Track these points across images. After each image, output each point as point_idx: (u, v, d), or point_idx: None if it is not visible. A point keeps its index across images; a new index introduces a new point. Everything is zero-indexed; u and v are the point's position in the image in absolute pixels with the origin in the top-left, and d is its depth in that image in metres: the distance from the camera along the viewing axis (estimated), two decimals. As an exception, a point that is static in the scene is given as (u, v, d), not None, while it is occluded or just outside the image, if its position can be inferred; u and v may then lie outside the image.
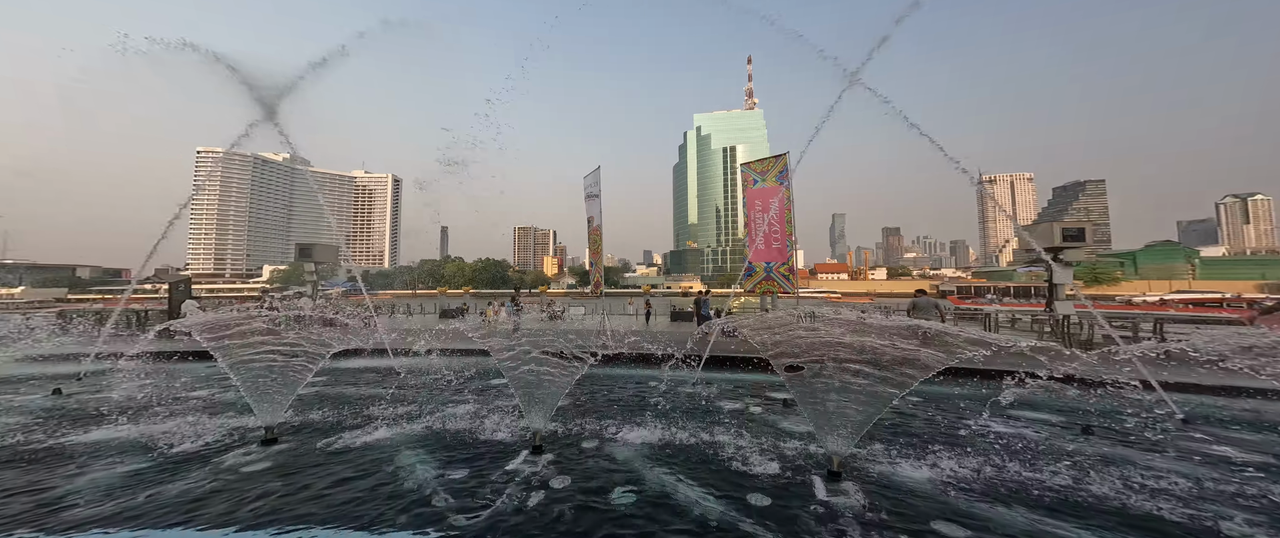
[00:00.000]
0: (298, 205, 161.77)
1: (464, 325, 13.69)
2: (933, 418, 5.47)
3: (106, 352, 7.69)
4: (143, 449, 4.30)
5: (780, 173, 11.02)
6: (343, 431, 4.86)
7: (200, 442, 4.48)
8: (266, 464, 3.95)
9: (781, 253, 11.08)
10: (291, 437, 4.65)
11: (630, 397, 6.65)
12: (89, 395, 6.32)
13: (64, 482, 3.60)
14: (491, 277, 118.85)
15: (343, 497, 3.41)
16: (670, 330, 14.13)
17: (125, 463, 3.97)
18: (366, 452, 4.33)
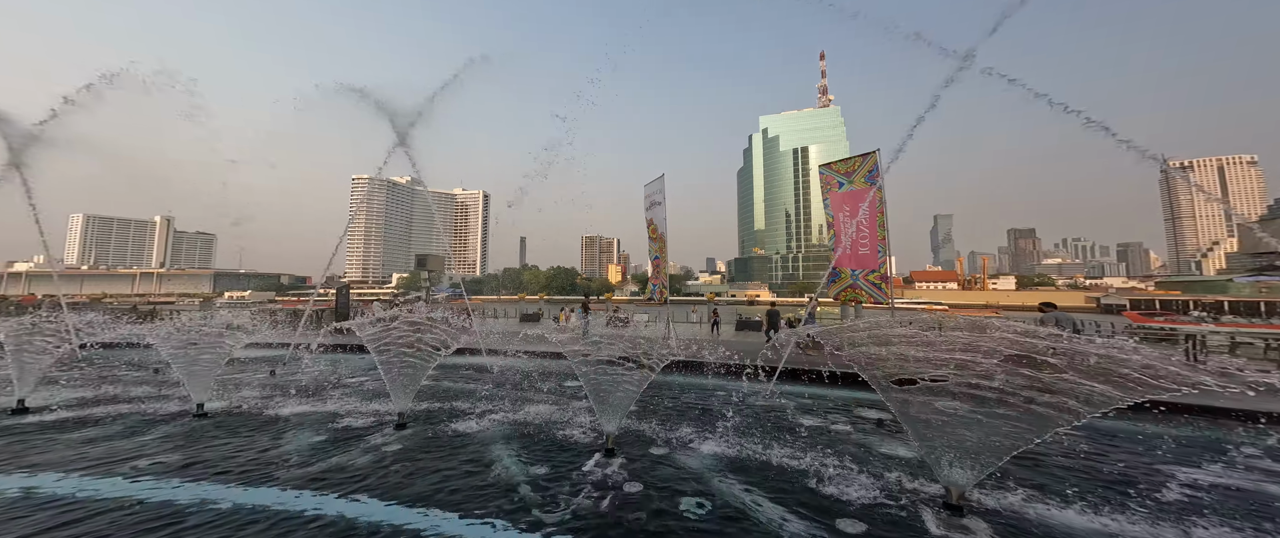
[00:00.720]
0: (415, 221, 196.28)
1: (541, 330, 14.93)
2: (1104, 456, 4.42)
3: (299, 342, 10.16)
4: (320, 424, 5.45)
5: (870, 173, 9.94)
6: (450, 420, 5.62)
7: (356, 421, 5.52)
8: (398, 445, 4.74)
9: (872, 259, 9.92)
10: (415, 423, 5.50)
11: (700, 406, 6.57)
12: (290, 376, 8.27)
13: (273, 445, 4.75)
14: (562, 284, 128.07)
15: (450, 480, 3.94)
16: (738, 340, 13.66)
17: (310, 435, 5.09)
18: (466, 441, 4.93)
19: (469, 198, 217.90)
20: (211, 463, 4.20)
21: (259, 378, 8.07)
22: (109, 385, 7.31)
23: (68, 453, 4.43)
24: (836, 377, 7.49)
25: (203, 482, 3.79)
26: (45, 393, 6.60)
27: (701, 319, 21.81)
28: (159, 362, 7.91)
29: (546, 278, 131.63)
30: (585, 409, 6.03)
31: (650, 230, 13.41)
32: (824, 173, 11.02)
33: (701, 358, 5.48)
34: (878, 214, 9.68)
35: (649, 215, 13.42)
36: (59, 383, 7.39)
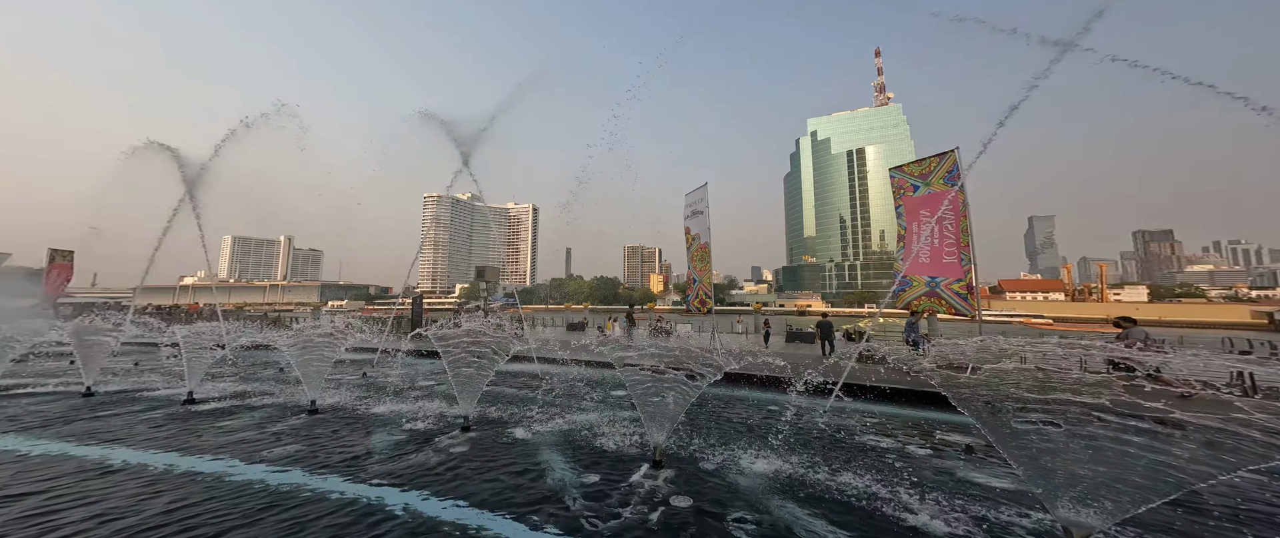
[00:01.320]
0: (474, 234, 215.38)
1: (587, 339, 15.46)
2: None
3: (384, 347, 11.51)
4: (401, 423, 6.07)
5: (949, 174, 9.03)
6: (507, 426, 5.97)
7: (429, 423, 6.07)
8: (464, 448, 5.14)
9: (954, 267, 8.92)
10: (478, 427, 5.94)
11: (752, 420, 6.35)
12: (378, 378, 9.39)
13: (364, 441, 5.38)
14: (605, 294, 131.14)
15: (508, 484, 4.19)
16: (790, 353, 13.00)
17: (393, 434, 5.69)
18: (521, 447, 5.21)
19: (520, 211, 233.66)
20: (319, 456, 4.88)
21: (353, 379, 9.24)
22: (249, 382, 8.83)
23: (218, 439, 5.43)
24: (910, 394, 6.83)
25: (312, 472, 4.41)
26: (206, 387, 8.16)
27: (748, 329, 20.98)
28: (284, 362, 9.44)
29: (590, 288, 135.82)
30: (632, 420, 6.08)
31: (688, 239, 13.40)
32: (896, 176, 10.22)
33: (753, 370, 5.27)
34: (961, 218, 8.72)
35: (688, 224, 13.42)
36: (215, 379, 9.09)
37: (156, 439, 5.37)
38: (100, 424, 5.98)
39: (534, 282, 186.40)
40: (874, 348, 6.31)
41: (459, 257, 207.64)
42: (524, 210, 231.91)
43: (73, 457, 4.82)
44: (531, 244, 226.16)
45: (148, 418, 6.28)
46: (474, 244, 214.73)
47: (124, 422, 6.11)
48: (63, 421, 6.16)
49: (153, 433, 5.62)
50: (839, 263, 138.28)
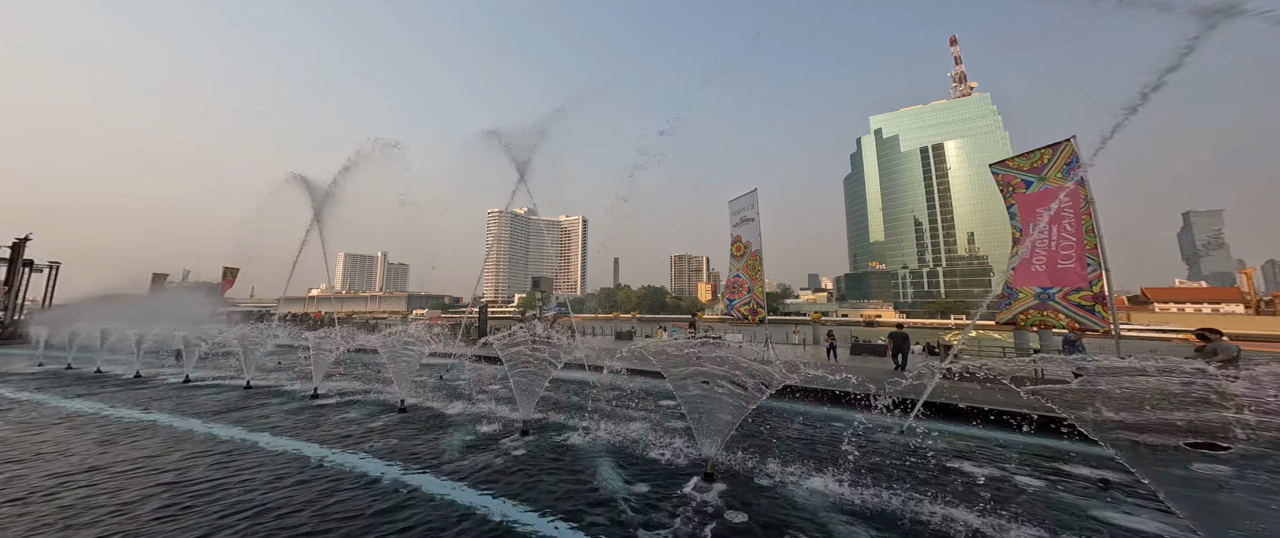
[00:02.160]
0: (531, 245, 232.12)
1: (638, 347, 15.56)
2: None
3: (456, 353, 12.69)
4: (470, 425, 6.65)
5: (1067, 166, 7.58)
6: (561, 432, 6.23)
7: (493, 425, 6.57)
8: (522, 451, 5.48)
9: (1074, 274, 7.39)
10: (535, 431, 6.29)
11: (815, 437, 6.01)
12: (451, 381, 10.40)
13: (441, 440, 5.98)
14: (652, 303, 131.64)
15: (562, 489, 4.35)
16: (857, 366, 12.04)
17: (463, 434, 6.26)
18: (575, 453, 5.40)
19: (571, 224, 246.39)
20: (407, 451, 5.50)
21: (432, 382, 10.35)
22: (357, 382, 10.29)
23: (331, 431, 6.41)
24: (1017, 418, 5.89)
25: (402, 467, 4.98)
26: (327, 384, 9.68)
27: (804, 340, 19.77)
28: (382, 364, 10.86)
29: (638, 297, 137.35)
30: (683, 431, 6.02)
31: (734, 247, 12.93)
32: (1001, 172, 8.84)
33: (814, 383, 4.89)
34: (1084, 216, 7.21)
35: (736, 232, 12.96)
36: (332, 378, 10.73)
37: (290, 428, 6.54)
38: (253, 413, 7.43)
39: (584, 291, 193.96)
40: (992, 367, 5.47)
41: (517, 267, 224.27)
42: (574, 222, 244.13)
43: (229, 439, 6.07)
44: (581, 255, 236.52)
45: (285, 409, 7.67)
46: (530, 256, 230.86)
47: (269, 412, 7.53)
48: (228, 409, 7.77)
49: (287, 422, 6.85)
50: (915, 269, 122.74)
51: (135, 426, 6.69)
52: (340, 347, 9.69)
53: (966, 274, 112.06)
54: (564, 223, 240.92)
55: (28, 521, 3.68)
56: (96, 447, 5.70)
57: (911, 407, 6.14)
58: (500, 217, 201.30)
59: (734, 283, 12.62)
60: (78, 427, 6.67)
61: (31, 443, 5.84)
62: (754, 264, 12.30)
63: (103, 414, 7.41)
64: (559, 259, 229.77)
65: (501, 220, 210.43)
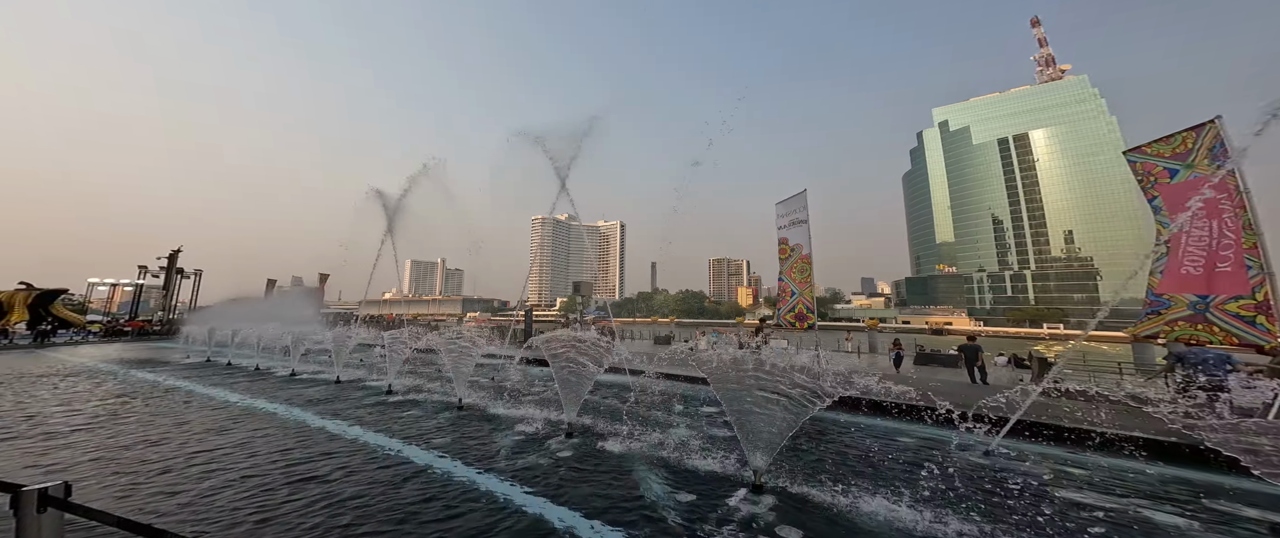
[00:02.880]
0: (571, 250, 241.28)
1: (682, 352, 15.41)
2: None
3: (505, 354, 13.38)
4: (518, 425, 6.95)
5: (1213, 150, 6.21)
6: (604, 436, 6.31)
7: (540, 427, 6.83)
8: (568, 453, 5.63)
9: (1237, 280, 6.00)
10: (579, 434, 6.44)
11: (881, 454, 5.53)
12: (501, 382, 10.90)
13: (492, 438, 6.32)
14: (690, 307, 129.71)
15: (606, 493, 4.39)
16: (923, 378, 10.89)
17: (512, 434, 6.54)
18: (618, 458, 5.42)
19: (609, 228, 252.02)
20: (463, 447, 5.83)
21: (484, 382, 10.99)
22: (422, 379, 11.28)
23: (402, 425, 7.03)
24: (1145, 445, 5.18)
25: (460, 462, 5.33)
26: (399, 381, 10.69)
27: (858, 348, 18.45)
28: (442, 364, 11.81)
29: (676, 301, 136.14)
30: (728, 439, 5.84)
31: (782, 250, 12.28)
32: (1138, 160, 7.51)
33: (881, 396, 4.47)
34: (1239, 210, 5.82)
35: (785, 234, 12.32)
36: (403, 374, 11.86)
37: (371, 421, 7.33)
38: (340, 406, 8.45)
39: (622, 295, 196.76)
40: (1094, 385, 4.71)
41: (558, 272, 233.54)
42: (612, 227, 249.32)
43: (320, 427, 6.96)
44: (619, 259, 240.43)
45: (365, 404, 8.63)
46: (570, 261, 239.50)
47: (352, 404, 8.54)
48: (324, 400, 8.93)
49: (369, 415, 7.69)
50: (995, 273, 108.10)
51: (254, 411, 7.95)
52: (408, 348, 10.66)
53: (1063, 278, 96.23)
54: (603, 228, 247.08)
55: (172, 475, 4.56)
56: (229, 423, 6.87)
57: (1000, 426, 5.39)
58: (543, 223, 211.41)
59: (781, 287, 12.05)
60: (213, 409, 8.07)
61: (177, 421, 7.17)
62: (803, 268, 11.68)
63: (231, 401, 8.89)
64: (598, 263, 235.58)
65: (544, 226, 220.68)
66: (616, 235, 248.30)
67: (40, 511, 1.55)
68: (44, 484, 1.57)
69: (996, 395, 5.64)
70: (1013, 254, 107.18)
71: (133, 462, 5.18)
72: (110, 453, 5.50)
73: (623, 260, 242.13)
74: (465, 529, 3.68)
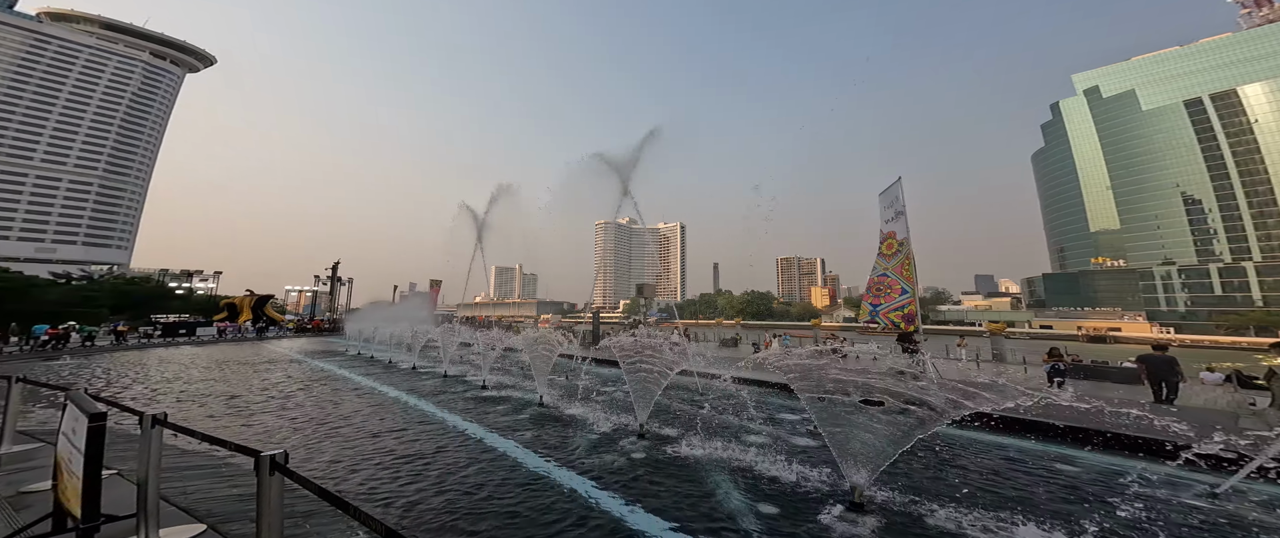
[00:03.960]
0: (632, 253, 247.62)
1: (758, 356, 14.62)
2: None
3: (578, 355, 14.04)
4: (592, 424, 7.20)
5: None
6: (676, 439, 6.23)
7: (612, 426, 7.00)
8: (640, 454, 5.66)
9: None
10: (651, 436, 6.43)
11: (1021, 481, 4.65)
12: (573, 382, 11.51)
13: (570, 436, 6.63)
14: (757, 309, 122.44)
15: (683, 498, 4.27)
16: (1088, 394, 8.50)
17: (588, 432, 6.80)
18: (690, 462, 5.29)
19: (669, 230, 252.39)
20: (544, 442, 6.20)
21: (560, 381, 11.70)
22: (508, 376, 12.51)
23: (493, 418, 7.82)
24: None
25: (542, 456, 5.62)
26: (491, 377, 12.01)
27: (977, 355, 15.84)
28: (524, 362, 12.84)
29: (741, 303, 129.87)
30: (815, 451, 5.42)
31: (885, 244, 10.73)
32: None
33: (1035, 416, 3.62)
34: None
35: (889, 227, 10.80)
36: (495, 372, 13.25)
37: (472, 413, 8.32)
38: (448, 397, 9.79)
39: (683, 297, 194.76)
40: None
41: (621, 274, 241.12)
42: (672, 229, 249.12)
43: (429, 413, 8.13)
44: (680, 261, 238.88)
45: (466, 397, 9.86)
46: (632, 263, 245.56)
47: (453, 397, 9.81)
48: (436, 393, 10.42)
49: (470, 408, 8.75)
50: (1193, 266, 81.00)
51: (387, 398, 9.70)
52: (497, 347, 11.96)
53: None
54: (662, 230, 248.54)
55: (336, 443, 5.77)
56: (368, 408, 8.50)
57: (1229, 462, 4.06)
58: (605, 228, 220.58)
59: (880, 284, 10.56)
60: (360, 395, 10.08)
61: (337, 404, 9.10)
62: (907, 264, 10.24)
63: (373, 388, 10.96)
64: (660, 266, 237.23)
65: (607, 231, 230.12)
66: (676, 237, 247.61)
67: (271, 473, 1.92)
68: (272, 452, 1.92)
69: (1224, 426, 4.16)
70: (1222, 242, 78.62)
71: (307, 433, 6.72)
72: (296, 425, 7.24)
73: (683, 262, 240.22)
74: (544, 520, 3.91)
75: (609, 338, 8.31)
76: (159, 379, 12.05)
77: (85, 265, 69.21)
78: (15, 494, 3.48)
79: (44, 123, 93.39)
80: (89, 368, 14.06)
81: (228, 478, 4.19)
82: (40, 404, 7.54)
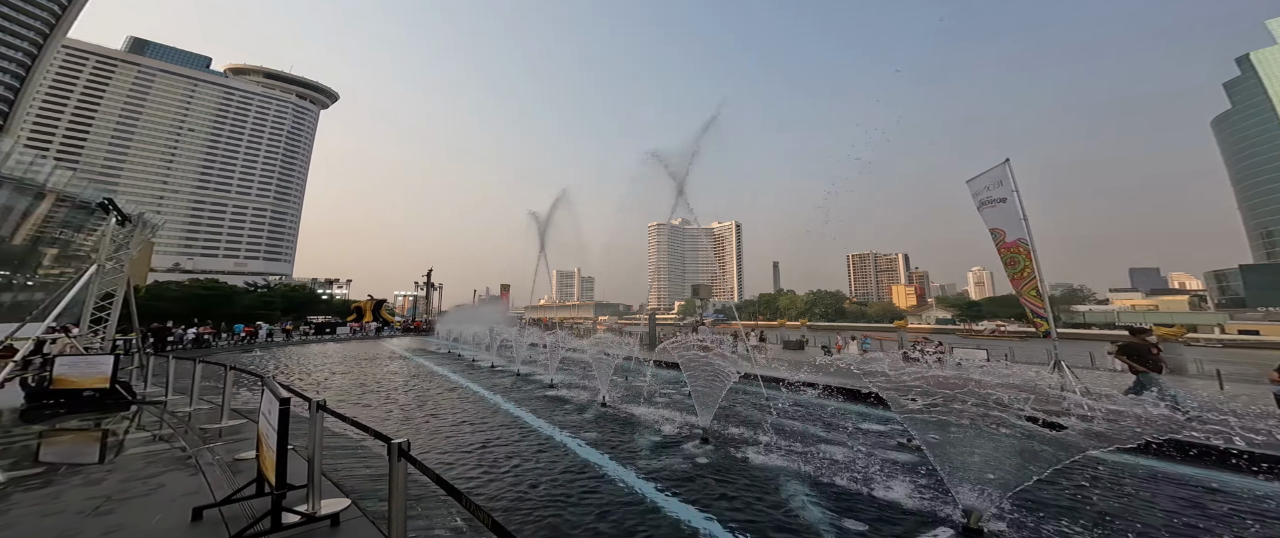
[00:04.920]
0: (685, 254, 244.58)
1: (825, 361, 13.56)
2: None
3: (637, 357, 14.32)
4: (653, 426, 7.27)
5: None
6: (742, 445, 6.05)
7: (674, 429, 7.00)
8: (706, 459, 5.58)
9: None
10: (715, 439, 6.32)
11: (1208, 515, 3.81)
12: (633, 383, 11.83)
13: (632, 436, 6.75)
14: (826, 309, 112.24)
15: (755, 508, 4.11)
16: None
17: (649, 434, 6.90)
18: (760, 471, 5.07)
19: (723, 229, 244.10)
20: (607, 443, 6.33)
21: (619, 381, 11.98)
22: (572, 376, 13.15)
23: (560, 416, 8.33)
24: None
25: (604, 454, 5.82)
26: (558, 376, 12.77)
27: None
28: (587, 363, 13.30)
29: (806, 302, 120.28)
30: (909, 465, 4.96)
31: (1002, 245, 9.31)
32: None
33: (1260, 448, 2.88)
34: None
35: (994, 219, 9.36)
36: (559, 372, 14.09)
37: (541, 410, 8.95)
38: (520, 395, 10.64)
39: (741, 297, 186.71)
40: None
41: (675, 275, 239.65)
42: (727, 228, 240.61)
43: (506, 410, 8.93)
44: (736, 260, 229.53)
45: (534, 395, 10.62)
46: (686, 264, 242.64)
47: (525, 395, 10.64)
48: (510, 389, 11.43)
49: (539, 406, 9.39)
50: None
51: (471, 394, 10.88)
52: (562, 349, 12.81)
53: None
54: (717, 229, 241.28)
55: (429, 429, 6.66)
56: (459, 401, 9.62)
57: None
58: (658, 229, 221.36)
59: (1015, 283, 9.31)
60: (448, 389, 11.43)
61: (429, 395, 10.42)
62: (1019, 259, 8.80)
63: (461, 383, 12.39)
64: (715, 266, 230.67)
65: (659, 233, 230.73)
66: (732, 236, 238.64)
67: (398, 459, 2.15)
68: (399, 440, 2.15)
69: None
70: None
71: (416, 422, 7.82)
72: (406, 412, 8.53)
73: (740, 261, 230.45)
74: (600, 507, 4.08)
75: (668, 341, 8.38)
76: (311, 367, 15.22)
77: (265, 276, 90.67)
78: (231, 460, 4.56)
79: (234, 160, 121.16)
80: (272, 358, 18.52)
81: (363, 459, 5.01)
82: (244, 387, 9.94)
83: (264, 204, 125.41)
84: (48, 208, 25.45)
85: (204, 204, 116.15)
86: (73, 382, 6.95)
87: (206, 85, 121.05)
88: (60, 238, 28.59)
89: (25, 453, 4.80)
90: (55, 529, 3.03)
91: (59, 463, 4.52)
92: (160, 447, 5.00)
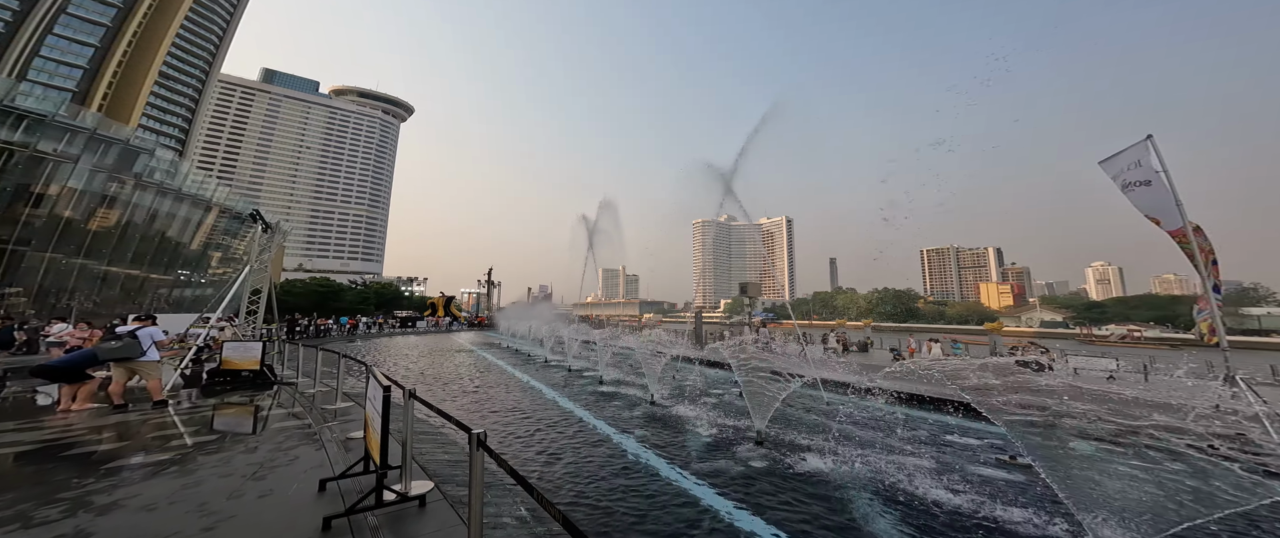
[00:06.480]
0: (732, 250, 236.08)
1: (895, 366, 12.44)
2: None
3: (686, 356, 14.11)
4: (704, 427, 7.09)
5: None
6: (800, 451, 5.77)
7: (726, 431, 6.83)
8: (760, 463, 5.40)
9: None
10: (769, 443, 6.08)
11: None
12: (683, 382, 11.74)
13: (683, 437, 6.70)
14: (895, 308, 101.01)
15: (811, 513, 3.91)
16: None
17: (700, 435, 6.78)
18: (821, 479, 4.84)
19: (773, 225, 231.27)
20: (657, 442, 6.39)
21: (667, 378, 11.99)
22: (622, 373, 13.44)
23: (609, 411, 8.48)
24: None
25: (656, 454, 5.85)
26: (608, 372, 13.09)
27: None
28: (636, 362, 13.58)
29: (867, 301, 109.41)
30: (1009, 485, 4.48)
31: (1186, 236, 7.61)
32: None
33: None
34: None
35: (1152, 212, 7.72)
36: (609, 368, 14.43)
37: (588, 403, 9.26)
38: (573, 390, 11.09)
39: (793, 295, 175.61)
40: None
41: (721, 273, 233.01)
42: (777, 224, 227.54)
43: (562, 404, 9.23)
44: (788, 258, 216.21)
45: (586, 391, 11.02)
46: (732, 261, 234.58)
47: (577, 390, 11.06)
48: (563, 384, 11.95)
49: (591, 402, 9.67)
50: None
51: (528, 387, 11.54)
52: (611, 347, 13.09)
53: None
54: (766, 226, 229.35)
55: (490, 421, 7.17)
56: (519, 392, 10.26)
57: None
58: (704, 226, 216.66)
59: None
60: (507, 381, 12.25)
61: (493, 386, 11.27)
62: (1189, 249, 7.20)
63: (519, 377, 13.25)
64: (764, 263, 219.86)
65: (705, 229, 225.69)
66: (782, 232, 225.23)
67: (476, 448, 2.22)
68: (478, 430, 2.25)
69: None
70: None
71: (483, 413, 8.50)
72: (476, 400, 9.35)
73: (791, 258, 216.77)
74: (648, 503, 4.09)
75: (716, 342, 8.16)
76: (397, 357, 17.49)
77: (362, 274, 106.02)
78: (344, 439, 5.30)
79: (339, 170, 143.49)
80: (371, 348, 21.60)
81: (443, 445, 5.57)
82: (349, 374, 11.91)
83: (361, 210, 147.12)
84: (213, 218, 32.05)
85: (317, 211, 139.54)
86: (236, 363, 8.69)
87: (317, 107, 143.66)
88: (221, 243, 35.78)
89: (204, 422, 6.06)
90: (226, 489, 3.79)
91: (226, 432, 5.67)
92: (293, 423, 5.99)
